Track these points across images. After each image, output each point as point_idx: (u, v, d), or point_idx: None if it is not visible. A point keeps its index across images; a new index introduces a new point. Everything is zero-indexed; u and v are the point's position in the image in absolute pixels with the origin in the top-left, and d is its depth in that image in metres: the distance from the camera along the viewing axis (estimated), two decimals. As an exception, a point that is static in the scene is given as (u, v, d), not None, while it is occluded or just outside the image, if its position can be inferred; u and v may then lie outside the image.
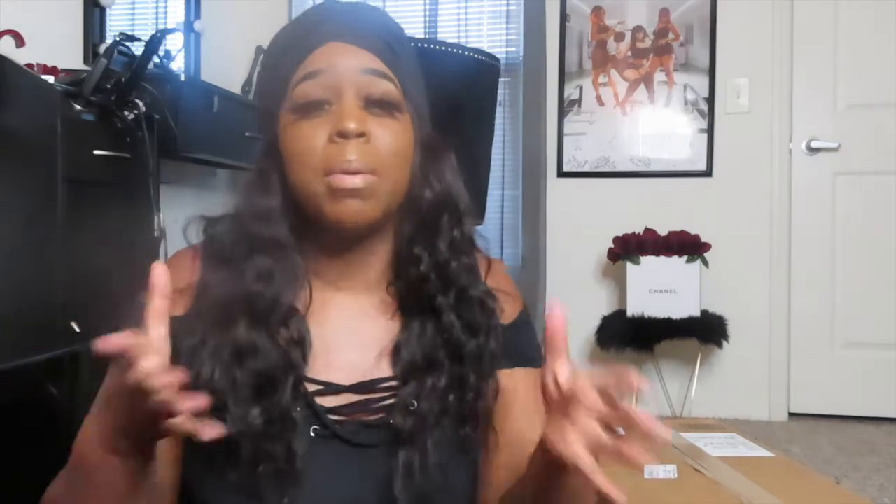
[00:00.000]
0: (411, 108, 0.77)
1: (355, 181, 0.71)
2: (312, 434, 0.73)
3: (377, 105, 0.74)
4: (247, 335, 0.72)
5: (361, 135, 0.72)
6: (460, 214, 0.80)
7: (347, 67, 0.74)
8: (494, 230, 3.23)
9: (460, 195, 0.81)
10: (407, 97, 0.77)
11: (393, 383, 0.76)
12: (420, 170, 0.79)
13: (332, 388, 0.75)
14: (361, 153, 0.72)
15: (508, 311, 0.83)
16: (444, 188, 0.79)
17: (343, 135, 0.71)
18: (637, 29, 3.19)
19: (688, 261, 2.86)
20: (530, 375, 0.80)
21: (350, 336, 0.78)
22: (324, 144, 0.72)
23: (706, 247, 2.87)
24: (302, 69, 0.74)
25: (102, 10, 2.52)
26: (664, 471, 1.05)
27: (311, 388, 0.75)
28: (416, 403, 0.75)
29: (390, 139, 0.74)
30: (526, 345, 0.83)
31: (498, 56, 2.59)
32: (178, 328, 0.67)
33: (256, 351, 0.72)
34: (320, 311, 0.77)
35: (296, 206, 0.75)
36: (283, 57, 0.77)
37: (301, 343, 0.74)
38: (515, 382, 0.80)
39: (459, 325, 0.76)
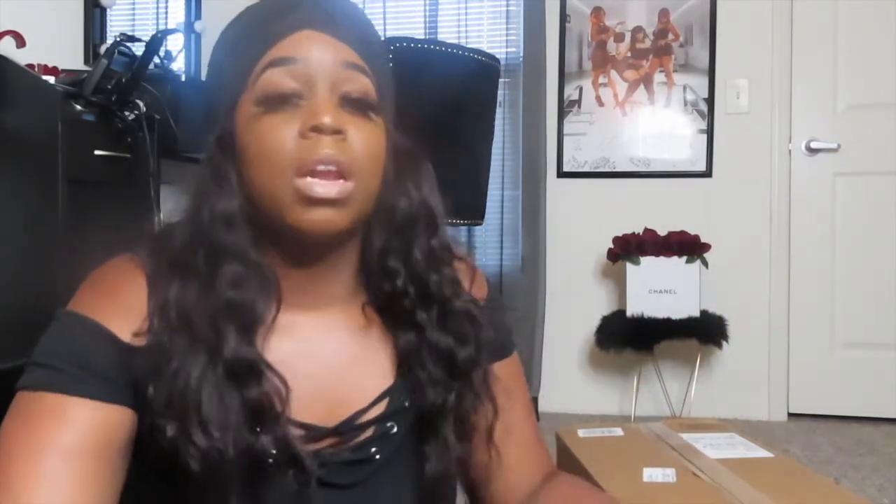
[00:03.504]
0: (385, 110, 0.71)
1: (330, 190, 0.64)
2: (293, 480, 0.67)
3: (352, 104, 0.67)
4: (241, 352, 0.64)
5: (338, 132, 0.64)
6: (437, 224, 0.74)
7: (324, 58, 0.66)
8: (494, 230, 3.24)
9: (436, 205, 0.74)
10: (381, 98, 0.70)
11: (375, 413, 0.72)
12: (394, 177, 0.72)
13: (314, 433, 0.69)
14: (338, 150, 0.64)
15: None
16: (420, 198, 0.73)
17: (318, 129, 0.64)
18: (637, 29, 3.19)
19: (687, 261, 2.86)
20: (506, 365, 0.82)
21: (316, 361, 0.71)
22: (294, 140, 0.64)
23: (706, 247, 2.87)
24: (269, 55, 0.66)
25: (103, 10, 2.53)
26: (663, 474, 1.05)
27: (294, 431, 0.67)
28: (396, 428, 0.72)
29: (366, 141, 0.67)
30: (496, 334, 0.79)
31: (498, 56, 2.60)
32: (135, 358, 0.63)
33: (252, 372, 0.64)
34: (284, 330, 0.69)
35: (254, 210, 0.67)
36: (247, 40, 0.68)
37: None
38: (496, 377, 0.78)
39: (448, 340, 0.72)
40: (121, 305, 0.66)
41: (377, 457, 0.71)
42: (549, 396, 3.12)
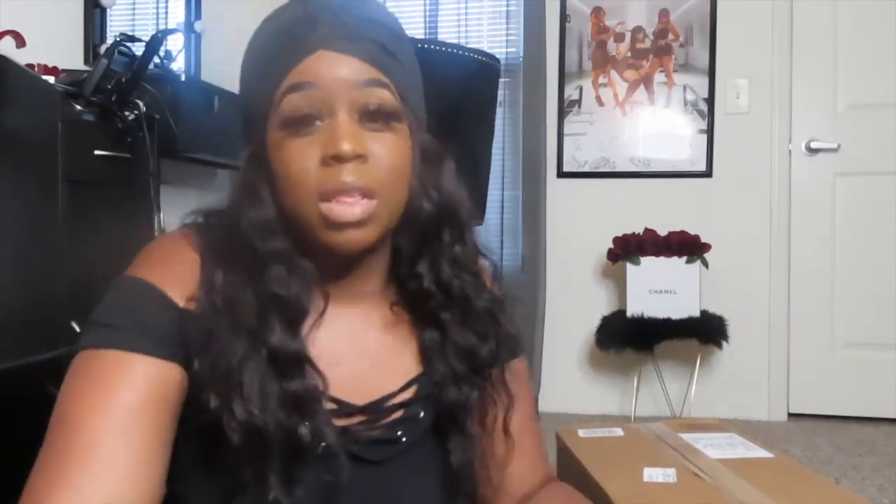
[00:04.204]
0: (409, 112, 0.72)
1: (353, 212, 0.66)
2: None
3: (373, 117, 0.68)
4: (284, 343, 0.67)
5: (358, 156, 0.66)
6: (462, 225, 0.77)
7: (338, 80, 0.67)
8: (494, 230, 3.23)
9: (461, 203, 0.76)
10: (404, 101, 0.71)
11: (404, 398, 0.75)
12: (418, 180, 0.73)
13: (345, 409, 0.72)
14: (359, 175, 0.66)
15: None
16: (443, 199, 0.75)
17: (338, 158, 0.66)
18: (637, 29, 3.19)
19: (687, 261, 2.86)
20: (512, 368, 0.82)
21: (352, 348, 0.75)
22: (317, 166, 0.66)
23: (706, 247, 2.87)
24: (287, 80, 0.68)
25: (103, 10, 2.52)
26: (663, 474, 1.05)
27: (328, 405, 0.71)
28: (423, 414, 0.76)
29: (389, 156, 0.68)
30: (508, 336, 0.82)
31: (498, 56, 2.60)
32: (188, 322, 0.66)
33: (294, 365, 0.67)
34: (324, 321, 0.73)
35: (288, 221, 0.70)
36: (268, 60, 0.70)
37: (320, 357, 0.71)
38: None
39: (470, 338, 0.76)
40: (175, 272, 0.69)
41: (403, 439, 0.75)
42: (549, 396, 3.12)
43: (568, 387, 3.19)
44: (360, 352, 0.75)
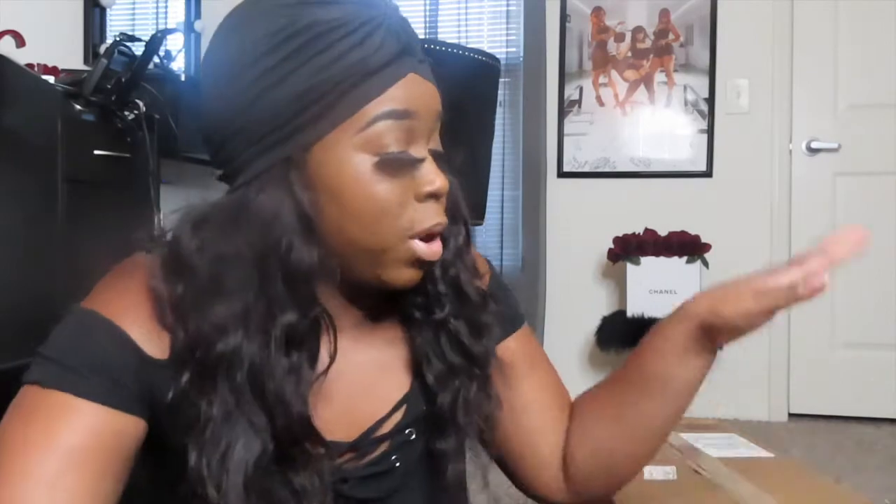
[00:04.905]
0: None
1: (440, 251, 0.64)
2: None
3: (434, 155, 0.64)
4: (298, 417, 0.60)
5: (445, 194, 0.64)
6: (465, 219, 0.73)
7: (433, 113, 0.63)
8: (494, 230, 3.24)
9: (460, 201, 0.72)
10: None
11: (394, 422, 0.71)
12: None
13: (335, 449, 0.66)
14: (444, 214, 0.65)
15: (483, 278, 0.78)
16: (449, 199, 0.70)
17: (436, 196, 0.63)
18: (637, 29, 3.19)
19: (688, 261, 2.85)
20: (518, 338, 0.81)
21: (343, 379, 0.69)
22: (411, 203, 0.62)
23: (706, 247, 2.87)
24: (382, 102, 0.60)
25: (103, 10, 2.53)
26: (663, 472, 1.05)
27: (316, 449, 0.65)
28: (414, 435, 0.71)
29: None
30: (506, 308, 0.79)
31: (498, 56, 2.60)
32: (154, 372, 0.60)
33: (302, 449, 0.61)
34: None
35: (334, 258, 0.62)
36: (332, 64, 0.59)
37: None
38: (510, 352, 0.78)
39: (465, 327, 0.71)
40: (143, 311, 0.61)
41: (397, 465, 0.71)
42: (549, 396, 3.11)
43: (568, 387, 3.15)
44: (350, 380, 0.69)
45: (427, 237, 0.63)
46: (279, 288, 0.59)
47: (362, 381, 0.70)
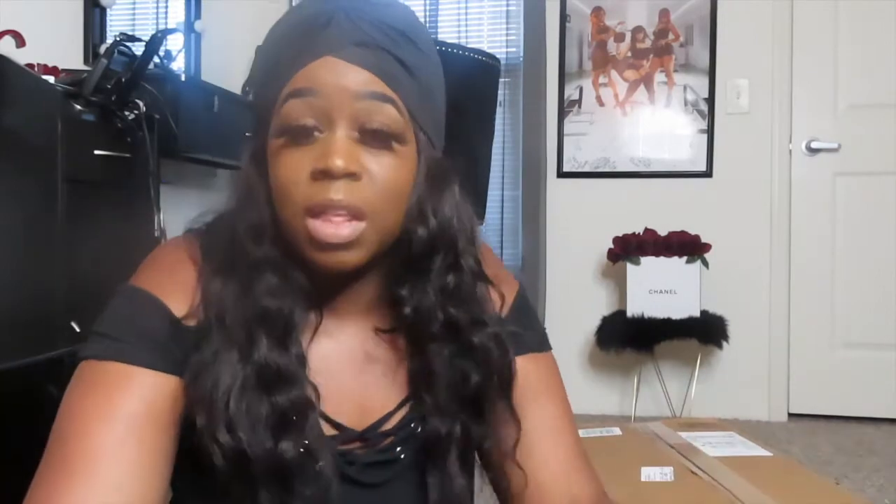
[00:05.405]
0: (419, 131, 0.67)
1: (340, 234, 0.63)
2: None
3: (374, 136, 0.64)
4: (272, 358, 0.65)
5: (350, 174, 0.63)
6: (458, 252, 0.71)
7: (342, 91, 0.63)
8: (494, 230, 3.24)
9: (460, 229, 0.70)
10: (414, 118, 0.66)
11: (400, 416, 0.73)
12: (417, 203, 0.68)
13: (346, 434, 0.71)
14: (349, 193, 0.63)
15: (505, 299, 0.77)
16: (439, 225, 0.69)
17: (328, 174, 0.62)
18: (637, 29, 3.19)
19: (688, 261, 2.86)
20: (530, 362, 0.80)
21: (344, 367, 0.72)
22: (306, 180, 0.63)
23: (706, 247, 2.87)
24: (290, 84, 0.64)
25: (103, 10, 2.52)
26: (661, 473, 1.05)
27: (326, 429, 0.70)
28: (420, 428, 0.73)
29: (385, 177, 0.64)
30: (526, 330, 0.79)
31: (498, 56, 2.60)
32: (185, 336, 0.66)
33: (282, 378, 0.65)
34: (320, 332, 0.71)
35: (280, 230, 0.67)
36: (276, 62, 0.66)
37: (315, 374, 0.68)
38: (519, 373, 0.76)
39: (456, 370, 0.71)
40: (178, 284, 0.68)
41: (402, 456, 0.73)
42: (549, 396, 3.11)
43: (568, 387, 3.15)
44: (355, 366, 0.73)
45: (325, 218, 0.63)
46: (257, 252, 0.66)
47: (370, 372, 0.73)
